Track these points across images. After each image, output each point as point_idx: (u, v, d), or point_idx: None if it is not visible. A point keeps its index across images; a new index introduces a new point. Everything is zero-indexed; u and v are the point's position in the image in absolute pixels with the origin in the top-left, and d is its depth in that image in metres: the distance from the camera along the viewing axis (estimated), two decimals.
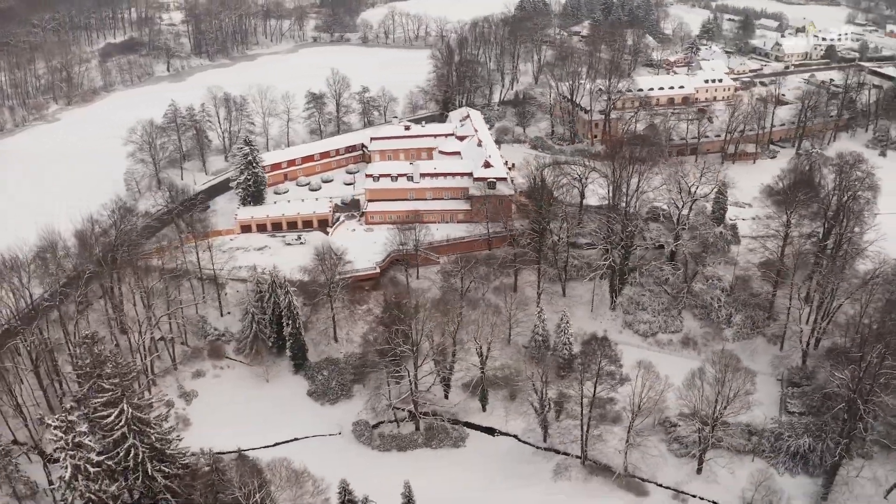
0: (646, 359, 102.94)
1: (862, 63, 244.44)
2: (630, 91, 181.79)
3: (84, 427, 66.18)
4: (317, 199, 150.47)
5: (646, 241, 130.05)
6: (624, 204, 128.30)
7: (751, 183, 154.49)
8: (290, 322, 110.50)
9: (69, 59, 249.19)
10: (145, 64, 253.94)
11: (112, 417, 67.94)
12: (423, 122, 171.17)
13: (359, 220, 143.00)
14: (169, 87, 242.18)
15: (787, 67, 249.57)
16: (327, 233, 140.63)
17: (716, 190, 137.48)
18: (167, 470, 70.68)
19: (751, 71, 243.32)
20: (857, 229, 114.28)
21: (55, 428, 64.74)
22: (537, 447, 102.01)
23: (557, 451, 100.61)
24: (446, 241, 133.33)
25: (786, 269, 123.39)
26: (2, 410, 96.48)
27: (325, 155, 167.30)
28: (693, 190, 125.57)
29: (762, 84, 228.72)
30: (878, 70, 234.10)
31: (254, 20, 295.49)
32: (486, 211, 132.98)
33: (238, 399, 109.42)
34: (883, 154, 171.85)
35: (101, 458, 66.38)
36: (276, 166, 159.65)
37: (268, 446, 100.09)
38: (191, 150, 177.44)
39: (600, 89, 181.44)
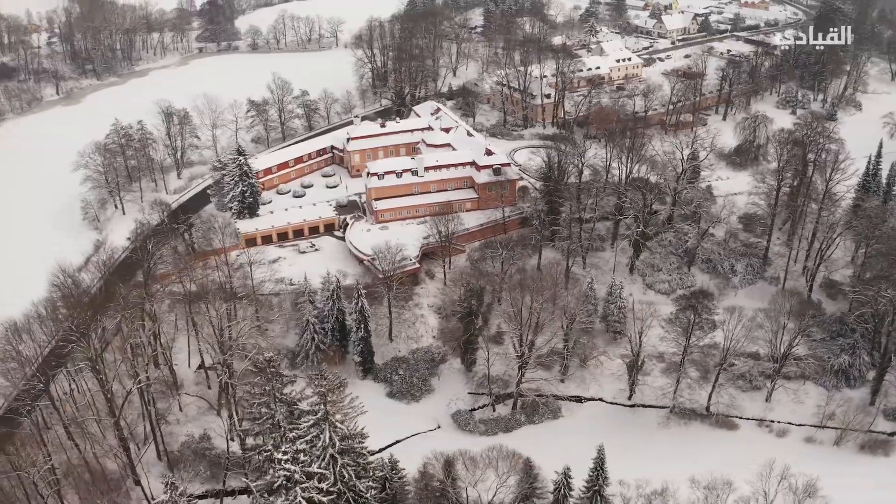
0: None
1: (737, 34, 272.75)
2: (580, 71, 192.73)
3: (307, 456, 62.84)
4: (314, 204, 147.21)
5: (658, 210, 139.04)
6: (625, 176, 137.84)
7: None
8: (361, 326, 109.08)
9: None
10: (31, 89, 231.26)
11: (323, 440, 64.96)
12: (397, 119, 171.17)
13: (367, 220, 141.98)
14: (68, 111, 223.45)
15: (672, 43, 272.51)
16: (341, 236, 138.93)
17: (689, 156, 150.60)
18: (372, 485, 68.87)
19: (643, 48, 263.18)
20: (836, 176, 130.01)
21: (284, 461, 61.02)
22: (625, 405, 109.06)
23: (644, 406, 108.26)
24: (466, 230, 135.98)
25: (765, 219, 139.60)
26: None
27: (298, 160, 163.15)
28: (687, 157, 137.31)
29: (659, 60, 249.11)
30: (752, 38, 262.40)
31: (139, 35, 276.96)
32: (501, 196, 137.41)
33: None
34: (793, 113, 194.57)
35: (325, 484, 63.34)
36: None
37: (373, 452, 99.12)
38: (143, 170, 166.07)
39: (545, 75, 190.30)
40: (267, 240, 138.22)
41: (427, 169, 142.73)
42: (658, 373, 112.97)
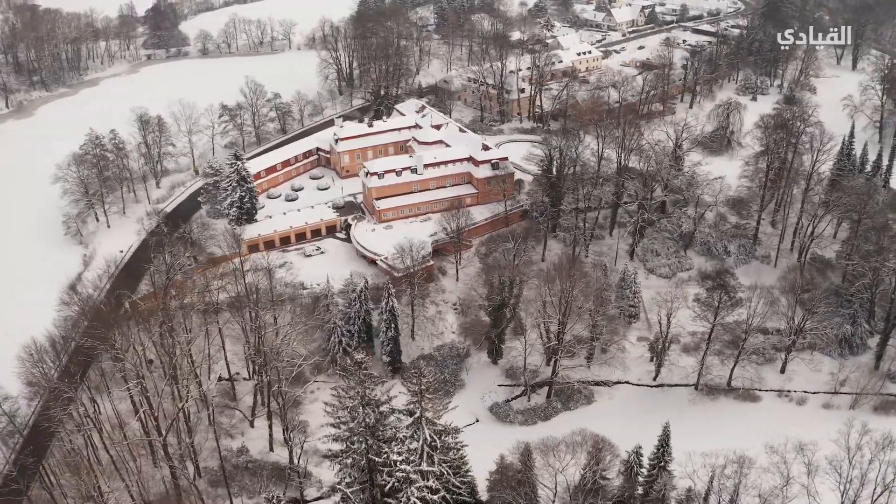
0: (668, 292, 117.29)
1: (683, 24, 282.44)
2: (554, 64, 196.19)
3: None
4: (313, 207, 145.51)
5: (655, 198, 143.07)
6: (620, 165, 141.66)
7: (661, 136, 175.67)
8: (391, 326, 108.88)
9: None
10: None
11: (422, 438, 64.76)
12: (385, 118, 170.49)
13: (368, 220, 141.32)
14: (21, 124, 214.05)
15: (623, 35, 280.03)
16: (344, 238, 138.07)
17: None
18: (466, 480, 68.69)
19: (598, 41, 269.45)
20: (822, 157, 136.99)
21: (400, 462, 60.50)
22: (651, 386, 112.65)
23: (670, 385, 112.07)
24: (475, 224, 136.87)
25: (749, 201, 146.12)
26: None
27: (286, 164, 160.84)
28: (680, 144, 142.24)
29: (615, 52, 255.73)
30: (699, 28, 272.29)
31: (85, 44, 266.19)
32: (503, 190, 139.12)
33: None
34: (754, 99, 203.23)
35: (434, 482, 63.01)
36: None
37: None
38: (123, 181, 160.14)
39: (520, 69, 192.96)
40: (269, 245, 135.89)
41: (426, 166, 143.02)
42: (676, 353, 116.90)
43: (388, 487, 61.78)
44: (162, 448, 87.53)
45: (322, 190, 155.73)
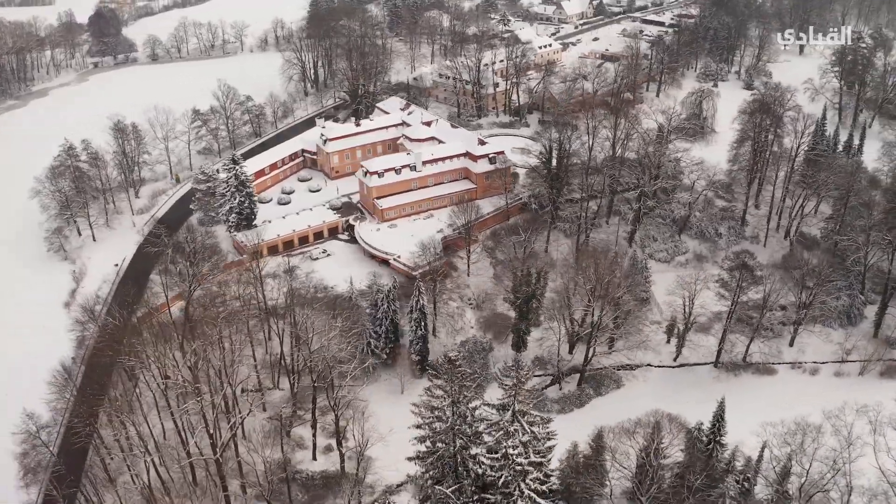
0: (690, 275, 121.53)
1: (632, 14, 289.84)
2: (529, 56, 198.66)
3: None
4: (311, 209, 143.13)
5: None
6: (614, 153, 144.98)
7: (648, 123, 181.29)
8: (420, 324, 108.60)
9: None
10: None
11: (519, 431, 65.11)
12: (371, 118, 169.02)
13: (370, 220, 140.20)
14: None
15: (576, 27, 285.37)
16: (347, 239, 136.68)
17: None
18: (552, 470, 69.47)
19: (552, 34, 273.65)
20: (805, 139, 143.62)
21: (516, 456, 60.93)
22: (672, 367, 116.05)
23: (690, 365, 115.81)
24: (483, 217, 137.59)
25: (732, 185, 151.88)
26: None
27: (273, 167, 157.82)
28: (670, 130, 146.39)
29: (572, 44, 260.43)
30: (647, 18, 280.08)
31: (29, 54, 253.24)
32: (504, 184, 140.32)
33: (397, 422, 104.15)
34: (715, 85, 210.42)
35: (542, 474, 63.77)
36: None
37: None
38: (105, 192, 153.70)
39: (494, 61, 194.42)
40: (273, 250, 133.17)
41: (425, 163, 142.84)
42: (690, 333, 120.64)
43: (501, 481, 62.15)
44: (216, 466, 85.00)
45: (314, 192, 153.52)
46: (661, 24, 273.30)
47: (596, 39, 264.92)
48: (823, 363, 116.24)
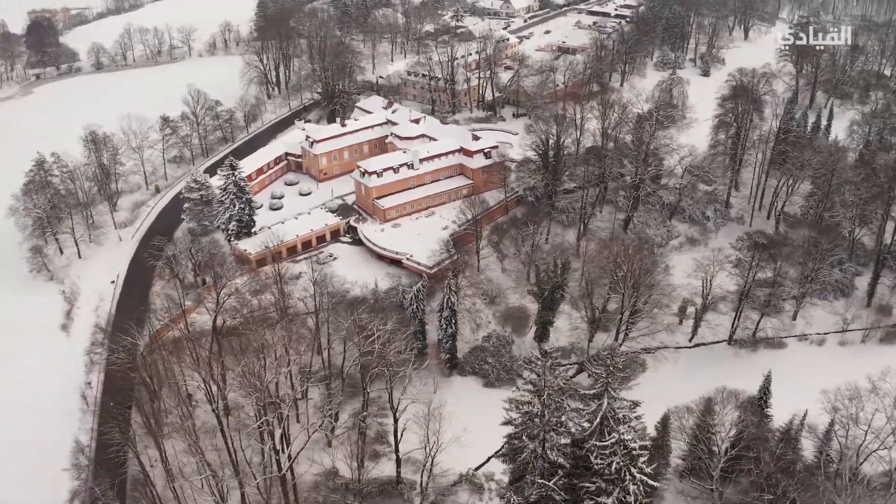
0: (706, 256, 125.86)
1: (577, 7, 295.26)
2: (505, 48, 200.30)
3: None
4: (309, 213, 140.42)
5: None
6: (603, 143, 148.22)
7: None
8: (451, 323, 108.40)
9: None
10: None
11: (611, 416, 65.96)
12: (355, 118, 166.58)
13: (371, 220, 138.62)
14: None
15: (525, 21, 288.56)
16: (349, 241, 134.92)
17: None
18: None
19: (503, 29, 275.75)
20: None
21: (630, 441, 62.09)
22: (688, 347, 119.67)
23: (705, 344, 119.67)
24: (486, 210, 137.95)
25: (709, 170, 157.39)
26: None
27: (260, 172, 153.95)
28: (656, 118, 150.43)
29: (525, 38, 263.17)
30: (592, 10, 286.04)
31: None
32: (502, 178, 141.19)
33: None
34: (674, 73, 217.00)
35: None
36: None
37: None
38: (84, 206, 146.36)
39: (464, 55, 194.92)
40: (276, 256, 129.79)
41: (421, 161, 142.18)
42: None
43: (612, 466, 63.07)
44: (280, 484, 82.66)
45: (304, 195, 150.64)
46: (607, 14, 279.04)
47: (548, 32, 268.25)
48: (826, 334, 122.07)
